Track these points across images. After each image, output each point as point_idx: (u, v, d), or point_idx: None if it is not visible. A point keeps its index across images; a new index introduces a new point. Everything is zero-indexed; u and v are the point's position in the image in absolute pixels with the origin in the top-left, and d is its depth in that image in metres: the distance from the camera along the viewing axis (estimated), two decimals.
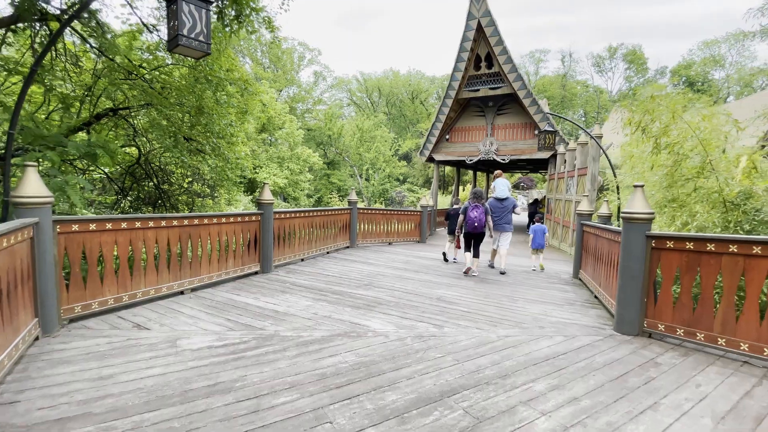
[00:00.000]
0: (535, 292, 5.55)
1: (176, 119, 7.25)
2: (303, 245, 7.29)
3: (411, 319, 4.13)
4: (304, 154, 20.60)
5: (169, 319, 3.90)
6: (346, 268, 6.79)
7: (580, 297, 5.42)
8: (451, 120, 16.02)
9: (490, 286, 5.82)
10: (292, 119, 21.07)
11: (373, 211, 9.88)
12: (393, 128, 49.40)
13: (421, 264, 7.46)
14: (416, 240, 11.12)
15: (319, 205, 34.12)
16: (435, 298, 5.01)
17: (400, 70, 56.42)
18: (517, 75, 13.41)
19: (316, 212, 7.64)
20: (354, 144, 33.57)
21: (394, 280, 5.97)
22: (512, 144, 14.95)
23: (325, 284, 5.54)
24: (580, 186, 9.95)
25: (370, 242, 9.82)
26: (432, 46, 79.95)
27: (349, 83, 55.42)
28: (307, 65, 43.54)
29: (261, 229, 6.07)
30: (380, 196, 33.69)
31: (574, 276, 6.84)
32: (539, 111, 13.61)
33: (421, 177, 44.97)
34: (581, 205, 6.73)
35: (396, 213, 10.53)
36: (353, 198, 9.12)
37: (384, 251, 8.93)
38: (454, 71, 14.49)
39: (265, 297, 4.80)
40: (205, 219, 5.11)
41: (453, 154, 16.13)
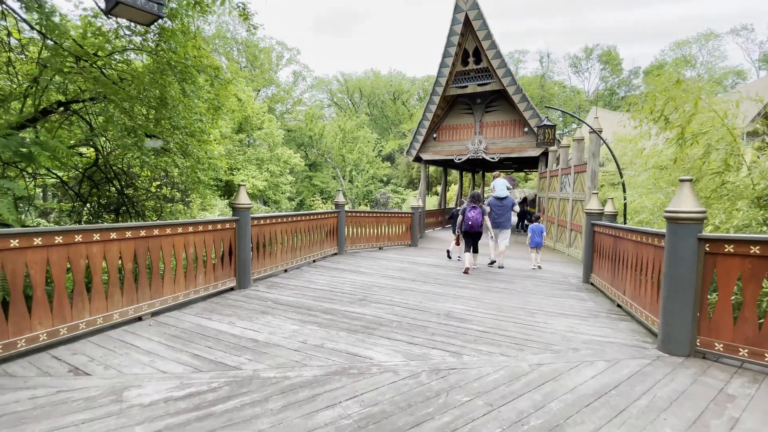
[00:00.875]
0: (551, 302, 4.95)
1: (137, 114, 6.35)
2: (286, 254, 6.49)
3: (421, 344, 3.43)
4: (285, 155, 19.64)
5: (119, 358, 3.07)
6: (336, 279, 6.04)
7: (601, 306, 4.85)
8: (439, 118, 15.47)
9: (500, 296, 5.19)
10: (271, 119, 20.09)
11: (361, 214, 9.16)
12: (375, 129, 48.75)
13: (418, 271, 6.78)
14: (408, 244, 10.46)
15: (301, 208, 33.07)
16: (443, 314, 4.33)
17: (381, 70, 55.89)
18: (507, 70, 12.96)
19: (300, 216, 6.87)
20: (336, 145, 32.70)
21: (392, 292, 5.26)
22: (501, 142, 14.51)
23: (314, 300, 4.78)
24: (578, 183, 9.53)
25: (360, 248, 9.09)
26: (412, 47, 79.88)
27: (330, 84, 54.54)
28: (285, 65, 42.42)
29: (236, 237, 5.26)
30: (365, 198, 32.93)
31: (584, 280, 6.31)
32: (529, 107, 13.20)
33: (405, 178, 44.48)
34: (590, 203, 6.21)
35: (386, 216, 9.84)
36: (340, 200, 8.37)
37: (376, 257, 8.21)
38: (440, 67, 13.93)
39: (242, 321, 4.00)
40: (168, 228, 4.27)
41: (441, 153, 15.57)
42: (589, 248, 6.19)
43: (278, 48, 41.24)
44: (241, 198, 5.28)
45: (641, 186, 6.60)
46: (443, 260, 8.20)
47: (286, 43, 41.89)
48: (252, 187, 18.01)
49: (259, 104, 20.37)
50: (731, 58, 50.78)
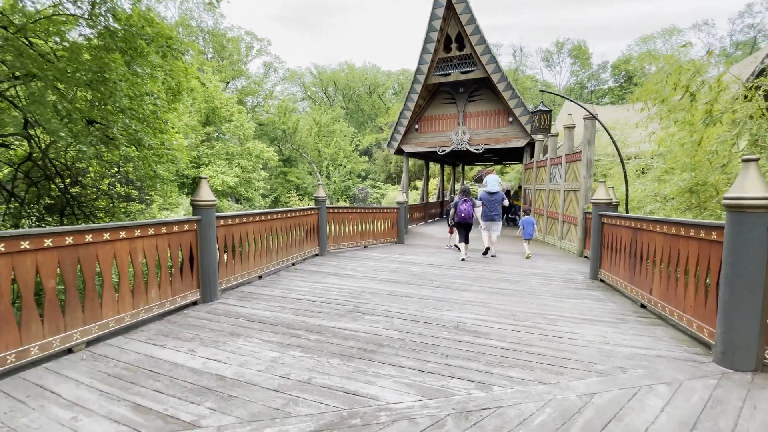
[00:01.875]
0: (568, 305, 4.37)
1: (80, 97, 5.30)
2: (260, 258, 5.64)
3: (437, 372, 2.73)
4: (257, 149, 18.43)
5: (29, 415, 2.21)
6: (319, 285, 5.25)
7: (623, 307, 4.32)
8: (420, 108, 14.80)
9: (509, 299, 4.57)
10: (241, 110, 18.77)
11: (344, 210, 8.36)
12: (351, 123, 47.69)
13: (412, 272, 6.09)
14: (394, 241, 9.75)
15: (276, 205, 31.75)
16: (452, 326, 3.64)
17: (356, 63, 54.78)
18: (491, 57, 12.42)
19: (275, 214, 6.01)
20: (312, 139, 31.49)
21: (387, 299, 4.54)
22: (486, 132, 14.02)
23: (295, 315, 3.98)
24: (571, 173, 9.11)
25: (343, 247, 8.30)
26: (386, 41, 78.73)
27: (303, 76, 52.90)
28: (255, 56, 40.54)
29: (198, 241, 4.38)
30: (343, 194, 31.97)
31: (592, 277, 5.80)
32: (514, 96, 12.74)
33: (383, 173, 43.75)
34: (597, 193, 5.69)
35: (371, 211, 9.08)
36: (321, 195, 7.55)
37: (362, 258, 7.46)
38: (422, 53, 13.23)
39: (206, 347, 3.17)
40: (106, 233, 3.36)
41: (423, 145, 14.93)
42: (597, 242, 5.68)
43: (247, 38, 39.35)
44: (202, 193, 4.39)
45: (645, 174, 6.14)
46: (435, 258, 7.55)
47: (256, 34, 40.03)
48: (222, 184, 16.76)
49: (227, 95, 19.02)
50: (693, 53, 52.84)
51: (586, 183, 8.25)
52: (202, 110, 18.43)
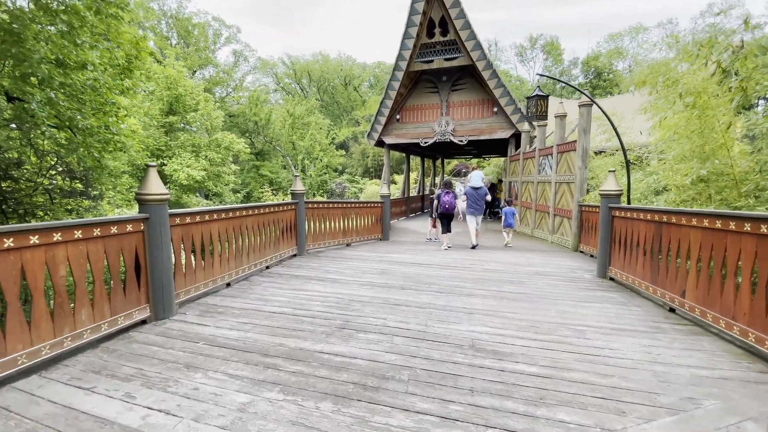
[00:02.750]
0: (589, 311, 3.83)
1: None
2: (228, 262, 4.79)
3: (465, 419, 2.05)
4: (226, 141, 17.12)
5: None
6: (300, 293, 4.48)
7: (651, 312, 3.81)
8: (402, 97, 14.09)
9: (521, 305, 3.98)
10: (208, 98, 17.36)
11: (325, 206, 7.57)
12: (327, 116, 46.42)
13: (405, 274, 5.41)
14: (378, 238, 9.05)
15: (249, 200, 30.30)
16: (467, 345, 2.99)
17: (330, 54, 53.33)
18: (476, 43, 11.85)
19: (246, 210, 5.16)
20: (285, 132, 30.13)
21: (381, 310, 3.84)
22: (470, 123, 13.51)
23: (271, 335, 3.22)
24: (563, 164, 8.69)
25: (324, 245, 7.52)
26: (360, 33, 77.24)
27: (275, 67, 50.98)
28: (224, 44, 38.43)
29: (147, 244, 3.51)
30: (319, 188, 30.88)
31: (600, 275, 5.32)
32: (500, 85, 12.25)
33: (360, 167, 42.89)
34: (607, 184, 5.20)
35: (354, 206, 8.32)
36: (299, 188, 6.72)
37: (346, 257, 6.71)
38: (403, 38, 12.50)
39: (150, 389, 2.36)
40: (8, 238, 2.47)
41: (405, 136, 14.26)
42: (606, 237, 5.20)
43: (215, 24, 37.18)
44: (150, 185, 3.51)
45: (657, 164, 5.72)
46: (426, 256, 6.91)
47: (224, 20, 37.83)
48: (187, 178, 15.43)
49: (192, 82, 17.57)
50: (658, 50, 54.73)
51: (582, 174, 7.83)
52: (164, 98, 16.92)
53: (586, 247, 7.49)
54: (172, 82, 16.87)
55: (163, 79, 16.79)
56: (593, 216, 7.22)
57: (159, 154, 16.87)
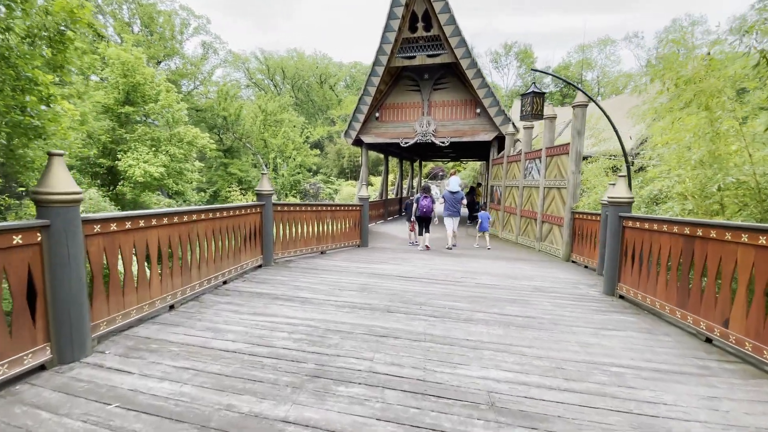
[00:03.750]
0: (615, 342, 3.19)
1: None
2: (173, 278, 3.85)
3: None
4: (189, 135, 15.68)
5: None
6: (261, 319, 3.61)
7: (685, 343, 3.22)
8: (382, 94, 13.36)
9: (533, 335, 3.30)
10: (170, 88, 15.90)
11: (297, 209, 6.67)
12: (301, 115, 45.09)
13: (389, 290, 4.63)
14: (356, 244, 8.23)
15: (215, 200, 28.61)
16: (485, 403, 2.24)
17: (306, 51, 51.99)
18: (461, 39, 11.30)
19: (198, 214, 4.22)
20: (256, 128, 28.65)
21: (365, 345, 3.04)
22: (452, 124, 12.95)
23: (216, 391, 2.34)
24: (553, 168, 8.21)
25: (295, 253, 6.62)
26: (336, 33, 76.01)
27: (247, 62, 49.16)
28: (192, 34, 36.36)
29: (46, 261, 2.56)
30: (292, 189, 29.60)
31: (607, 292, 4.76)
32: (484, 85, 11.76)
33: (335, 167, 41.90)
34: (616, 189, 4.65)
35: (329, 209, 7.46)
36: (266, 188, 5.81)
37: (320, 269, 5.86)
38: (385, 31, 11.77)
39: None
40: None
41: (384, 136, 13.52)
42: (615, 250, 4.64)
43: (183, 14, 35.12)
44: (52, 181, 2.55)
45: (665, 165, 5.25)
46: (410, 266, 6.18)
47: (193, 10, 35.84)
48: (144, 175, 13.96)
49: (152, 70, 16.05)
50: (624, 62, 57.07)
51: (575, 180, 7.36)
52: (120, 86, 15.36)
53: (580, 257, 7.00)
54: (129, 69, 15.33)
55: (119, 65, 15.24)
56: (588, 224, 6.75)
57: (113, 148, 15.28)
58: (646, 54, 53.73)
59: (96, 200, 11.88)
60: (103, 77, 15.83)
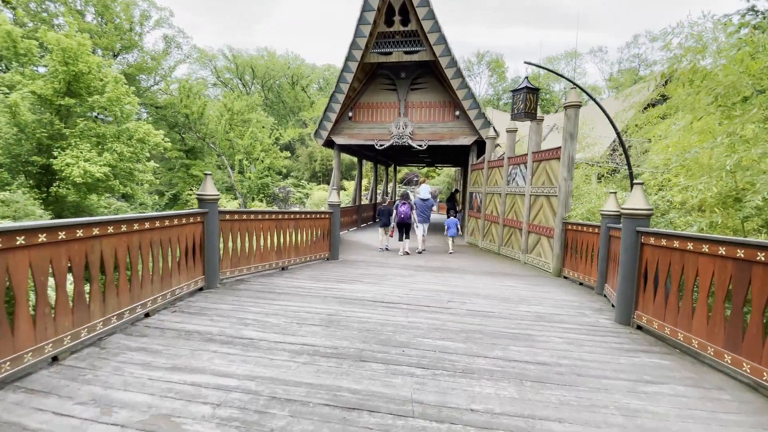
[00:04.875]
0: (666, 408, 2.39)
1: None
2: (57, 318, 2.73)
3: None
4: (140, 131, 14.03)
5: None
6: (178, 382, 2.54)
7: (752, 403, 2.47)
8: (355, 92, 12.44)
9: (556, 396, 2.45)
10: (119, 79, 14.21)
11: (251, 217, 5.58)
12: (272, 115, 43.39)
13: (362, 324, 3.66)
14: (325, 257, 7.21)
15: (175, 203, 26.61)
16: None
17: (277, 51, 50.37)
18: (440, 36, 10.59)
19: (104, 226, 3.12)
20: (222, 128, 26.91)
21: (325, 428, 2.07)
22: (430, 127, 12.21)
23: None
24: (541, 174, 7.56)
25: (249, 271, 5.53)
26: (307, 37, 74.46)
27: (215, 59, 46.99)
28: (154, 27, 34.05)
29: None
30: (259, 192, 28.00)
31: (621, 321, 4.03)
32: (464, 85, 11.10)
33: (307, 171, 40.50)
34: (633, 199, 3.94)
35: (293, 217, 6.40)
36: (209, 192, 4.71)
37: (277, 291, 4.81)
38: (359, 24, 10.88)
39: None
40: None
41: (358, 137, 12.59)
42: (631, 272, 3.92)
43: (143, 5, 32.85)
44: None
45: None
46: (389, 286, 5.25)
47: (155, 1, 33.54)
48: (83, 175, 12.26)
49: (99, 59, 14.35)
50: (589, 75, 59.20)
51: (567, 187, 6.71)
52: (59, 75, 13.58)
53: (573, 272, 6.33)
54: (71, 57, 13.60)
55: (59, 51, 13.49)
56: (583, 237, 6.09)
57: (50, 145, 13.46)
58: (610, 68, 56.02)
59: (21, 204, 10.18)
60: (45, 65, 13.99)
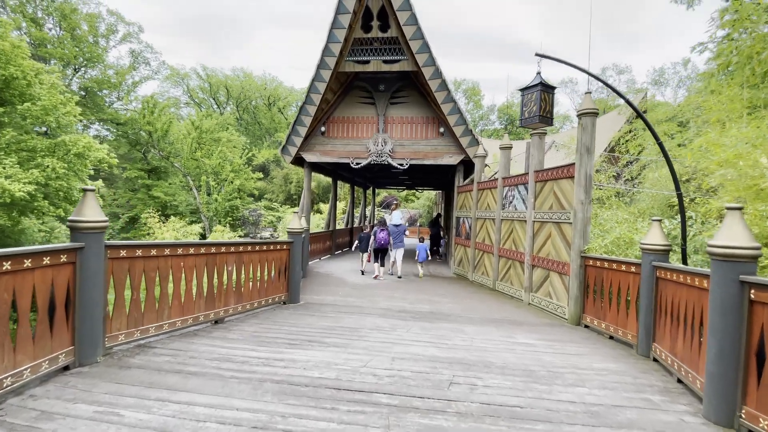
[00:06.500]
0: None
1: None
2: None
3: None
4: (79, 145, 12.11)
5: None
6: None
7: None
8: (329, 105, 11.14)
9: None
10: (56, 86, 12.39)
11: (165, 252, 3.90)
12: (247, 136, 41.75)
13: None
14: (281, 300, 5.58)
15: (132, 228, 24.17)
16: None
17: (254, 71, 49.33)
18: (424, 43, 9.53)
19: None
20: (188, 147, 25.06)
21: None
22: (411, 144, 10.99)
23: None
24: (549, 196, 6.28)
25: (158, 331, 3.83)
26: (287, 61, 74.19)
27: (187, 78, 45.36)
28: (120, 42, 32.33)
29: None
30: (227, 215, 25.95)
31: (719, 419, 2.61)
32: (449, 99, 10.02)
33: (282, 193, 38.63)
34: (725, 232, 2.62)
35: (235, 250, 4.77)
36: (89, 218, 3.09)
37: (188, 371, 3.15)
38: (332, 28, 9.70)
39: None
40: None
41: (331, 154, 11.19)
42: (733, 346, 2.55)
43: (110, 18, 31.18)
44: None
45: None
46: (361, 344, 3.68)
47: (123, 16, 31.96)
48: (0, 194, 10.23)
49: (37, 64, 12.55)
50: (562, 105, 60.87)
51: (585, 212, 5.43)
52: None
53: (599, 321, 4.95)
54: (1, 60, 11.77)
55: None
56: (612, 276, 4.76)
57: None
58: (580, 98, 57.94)
59: None
60: None
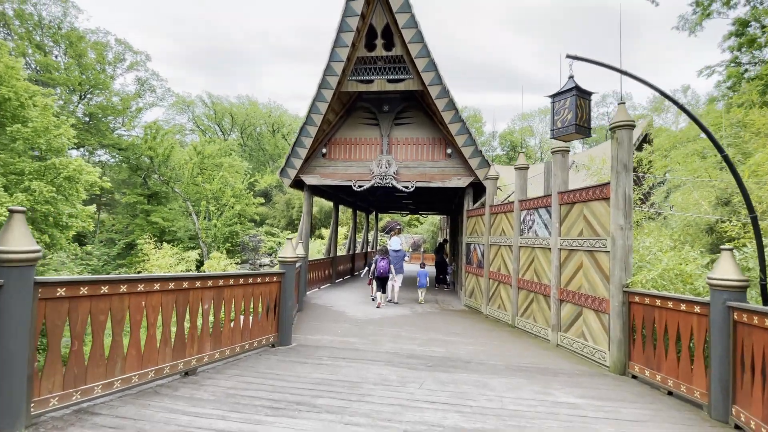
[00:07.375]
0: None
1: None
2: None
3: None
4: (69, 168, 11.59)
5: None
6: None
7: None
8: (330, 126, 10.65)
9: None
10: (47, 106, 12.03)
11: (121, 289, 3.15)
12: (251, 162, 41.71)
13: None
14: (270, 343, 4.75)
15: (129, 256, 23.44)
16: None
17: (259, 99, 50.09)
18: (430, 62, 9.10)
19: None
20: (189, 172, 24.74)
21: None
22: (417, 166, 10.38)
23: None
24: (578, 221, 5.51)
25: (109, 390, 3.03)
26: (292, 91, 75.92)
27: (193, 105, 46.04)
28: (127, 70, 32.85)
29: None
30: (226, 241, 25.24)
31: None
32: (458, 119, 9.48)
33: (284, 219, 38.09)
34: None
35: (211, 283, 4.00)
36: (12, 249, 2.38)
37: None
38: (334, 46, 9.33)
39: None
40: None
41: (333, 177, 10.58)
42: None
43: (118, 47, 31.82)
44: None
45: None
46: (362, 410, 2.85)
47: (131, 44, 32.64)
48: None
49: (32, 86, 12.27)
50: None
51: (626, 239, 4.67)
52: None
53: (651, 372, 4.07)
54: None
55: None
56: (667, 316, 3.93)
57: None
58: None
59: None
60: None
